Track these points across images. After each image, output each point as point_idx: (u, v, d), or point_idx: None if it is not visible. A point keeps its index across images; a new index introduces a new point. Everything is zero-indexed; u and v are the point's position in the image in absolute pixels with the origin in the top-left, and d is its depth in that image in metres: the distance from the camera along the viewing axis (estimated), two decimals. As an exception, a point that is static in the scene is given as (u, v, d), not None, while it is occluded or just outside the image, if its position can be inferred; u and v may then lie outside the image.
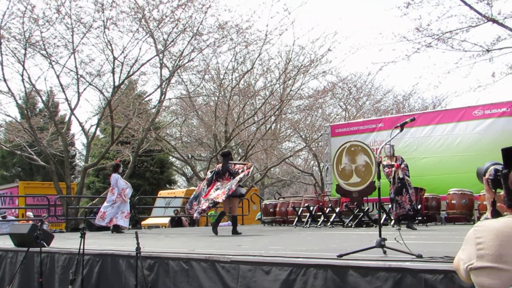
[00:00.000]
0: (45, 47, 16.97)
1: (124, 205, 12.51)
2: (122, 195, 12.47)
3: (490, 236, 1.78)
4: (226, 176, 10.48)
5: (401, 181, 10.75)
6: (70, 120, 21.04)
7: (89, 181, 31.49)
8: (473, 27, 14.31)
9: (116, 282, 6.09)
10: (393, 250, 4.60)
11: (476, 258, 1.79)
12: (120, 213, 12.41)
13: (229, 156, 11.04)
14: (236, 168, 10.52)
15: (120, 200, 12.47)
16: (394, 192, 10.77)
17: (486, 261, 1.75)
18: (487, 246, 1.77)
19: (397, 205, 10.69)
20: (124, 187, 12.58)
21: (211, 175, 10.72)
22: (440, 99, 30.49)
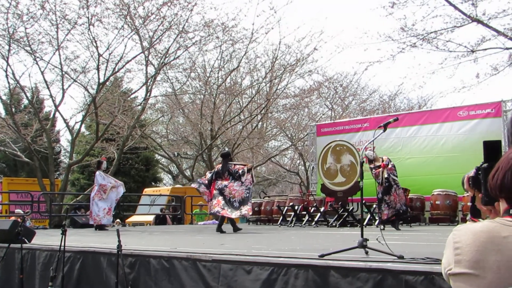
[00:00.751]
0: (30, 43, 16.83)
1: (104, 202, 12.17)
2: (101, 191, 12.21)
3: (468, 241, 1.74)
4: (226, 176, 10.74)
5: (387, 180, 10.74)
6: (54, 116, 20.86)
7: (73, 178, 31.27)
8: (457, 27, 14.39)
9: (97, 279, 6.04)
10: (374, 250, 4.60)
11: (454, 263, 1.75)
12: (102, 210, 12.16)
13: (228, 156, 11.31)
14: (236, 168, 10.81)
15: (98, 196, 12.19)
16: (382, 192, 10.74)
17: (463, 267, 1.72)
18: (464, 251, 1.73)
19: (385, 205, 10.65)
20: (103, 182, 12.29)
21: (210, 175, 10.97)
22: (425, 100, 30.69)
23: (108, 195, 12.20)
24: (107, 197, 12.19)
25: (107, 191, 12.21)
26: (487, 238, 1.73)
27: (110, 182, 12.50)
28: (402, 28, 14.86)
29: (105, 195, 12.17)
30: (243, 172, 10.66)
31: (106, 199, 12.18)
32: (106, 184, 12.26)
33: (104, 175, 12.44)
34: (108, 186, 12.24)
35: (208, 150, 22.99)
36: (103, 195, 12.18)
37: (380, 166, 10.89)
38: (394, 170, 10.98)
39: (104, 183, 12.26)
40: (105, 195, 12.17)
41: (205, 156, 23.61)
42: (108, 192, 12.21)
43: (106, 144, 23.50)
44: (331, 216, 13.27)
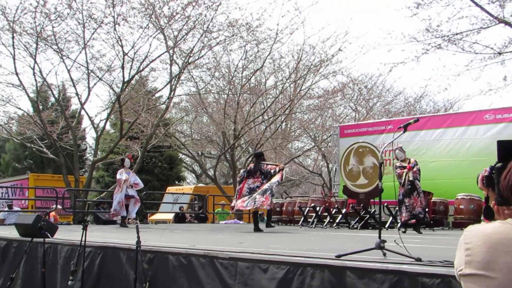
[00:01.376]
0: (57, 42, 17.10)
1: (118, 195, 12.36)
2: (118, 186, 12.44)
3: (478, 242, 1.72)
4: (257, 175, 10.95)
5: (411, 183, 10.61)
6: (80, 114, 21.15)
7: (98, 175, 31.67)
8: (484, 28, 14.15)
9: (116, 274, 6.11)
10: (392, 252, 4.56)
11: (464, 264, 1.73)
12: (117, 204, 12.32)
13: (261, 156, 11.62)
14: (268, 168, 10.98)
15: (116, 191, 12.49)
16: (402, 194, 10.63)
17: (473, 268, 1.70)
18: (474, 252, 1.71)
19: (404, 208, 10.54)
20: (119, 177, 12.45)
21: (243, 174, 11.29)
22: (452, 102, 30.31)
23: (122, 188, 12.35)
24: (121, 190, 12.35)
25: (121, 184, 12.36)
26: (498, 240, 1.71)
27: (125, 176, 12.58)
28: (427, 29, 14.71)
29: (121, 188, 12.35)
30: (275, 172, 10.82)
31: (121, 192, 12.36)
32: (120, 178, 12.43)
33: (122, 171, 12.58)
34: (122, 179, 12.37)
35: (231, 149, 23.04)
36: (119, 189, 12.40)
37: (405, 167, 10.74)
38: (418, 173, 10.84)
39: (119, 177, 12.46)
40: (121, 188, 12.35)
41: (228, 156, 23.66)
42: (122, 186, 12.34)
43: (130, 142, 23.73)
44: (353, 218, 13.21)
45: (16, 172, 34.54)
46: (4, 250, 7.97)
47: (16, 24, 16.53)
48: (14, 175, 31.98)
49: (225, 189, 23.94)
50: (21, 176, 27.74)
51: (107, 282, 6.22)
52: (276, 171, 10.83)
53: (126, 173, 12.68)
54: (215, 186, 23.80)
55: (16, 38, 16.81)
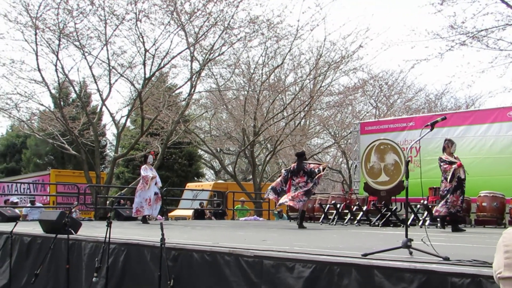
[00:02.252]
0: (79, 38, 17.20)
1: (145, 192, 12.31)
2: (144, 183, 12.36)
3: None
4: (301, 174, 11.24)
5: (460, 181, 10.33)
6: (101, 110, 21.29)
7: (118, 171, 31.90)
8: (509, 25, 13.97)
9: (141, 271, 6.13)
10: (419, 251, 4.51)
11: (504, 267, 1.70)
12: (144, 201, 12.27)
13: (303, 156, 11.91)
14: (312, 167, 11.30)
15: (141, 188, 12.39)
16: (447, 190, 10.34)
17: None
18: None
19: (444, 203, 10.25)
20: (144, 174, 12.42)
21: (286, 173, 11.51)
22: (473, 99, 29.97)
23: (150, 186, 12.32)
24: (149, 187, 12.30)
25: (148, 181, 12.31)
26: None
27: (153, 173, 12.63)
28: (452, 26, 14.55)
29: (147, 185, 12.29)
30: (319, 170, 11.17)
31: (148, 190, 12.31)
32: (147, 175, 12.38)
33: (147, 168, 12.59)
34: (149, 176, 12.35)
35: (250, 146, 23.04)
36: (145, 186, 12.32)
37: (454, 162, 10.46)
38: None
39: (146, 174, 12.41)
40: (147, 185, 12.29)
41: (248, 152, 23.66)
42: (150, 183, 12.31)
43: (150, 138, 23.85)
44: (374, 215, 13.12)
45: (37, 168, 34.98)
46: (28, 246, 8.05)
47: (39, 20, 16.66)
48: (35, 171, 32.38)
49: (245, 185, 23.95)
50: (43, 172, 28.09)
51: (132, 279, 6.25)
52: (320, 169, 11.21)
53: (151, 170, 12.70)
54: (235, 182, 23.82)
55: (38, 34, 16.93)
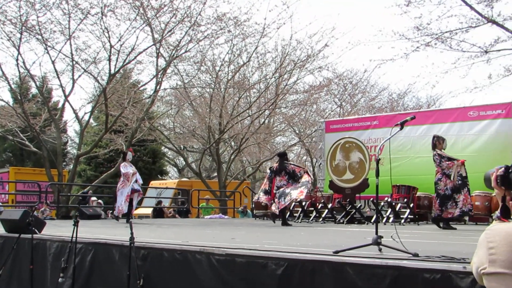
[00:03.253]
0: (41, 32, 16.83)
1: (127, 189, 12.08)
2: (125, 180, 12.08)
3: (503, 241, 1.73)
4: (282, 174, 11.57)
5: (463, 179, 10.02)
6: (63, 106, 20.91)
7: (80, 169, 31.35)
8: (473, 27, 14.32)
9: (109, 271, 6.04)
10: (389, 248, 4.58)
11: (488, 263, 1.74)
12: (124, 198, 12.04)
13: (284, 156, 12.35)
14: (292, 168, 11.70)
15: (122, 186, 12.13)
16: (451, 189, 10.00)
17: (498, 266, 1.71)
18: (499, 251, 1.72)
19: (453, 204, 9.90)
20: (125, 171, 12.14)
21: (270, 173, 11.91)
22: (434, 99, 30.56)
23: (131, 182, 12.09)
24: (130, 184, 12.09)
25: (129, 177, 12.07)
26: None
27: (133, 169, 12.40)
28: (417, 27, 14.80)
29: (129, 182, 12.06)
30: (301, 174, 11.51)
31: (129, 186, 12.10)
32: (128, 172, 12.14)
33: (126, 165, 12.36)
34: (130, 173, 12.11)
35: (216, 144, 22.99)
36: (127, 184, 12.07)
37: (456, 159, 10.22)
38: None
39: (126, 171, 12.16)
40: (129, 182, 12.06)
41: (213, 150, 23.60)
42: (131, 179, 12.07)
43: (114, 135, 23.55)
44: (339, 213, 13.26)
45: (-7, 166, 34.09)
46: (-11, 247, 7.85)
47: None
48: (-9, 168, 31.55)
49: (209, 183, 23.88)
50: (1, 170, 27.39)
51: (99, 279, 6.15)
52: (302, 173, 11.54)
53: (130, 167, 12.45)
54: (199, 180, 23.72)
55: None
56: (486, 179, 2.31)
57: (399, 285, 3.83)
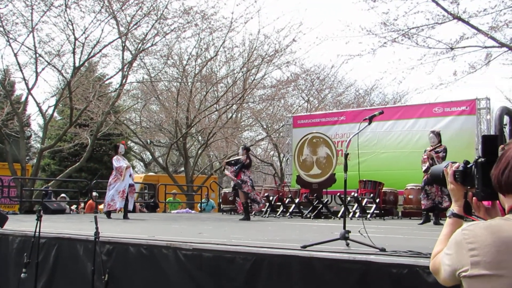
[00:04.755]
0: (3, 24, 16.38)
1: (120, 184, 11.57)
2: (118, 174, 11.61)
3: (486, 242, 1.68)
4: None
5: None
6: (26, 100, 20.44)
7: (44, 163, 30.78)
8: (439, 24, 14.45)
9: (73, 267, 5.93)
10: (356, 242, 4.60)
11: (470, 265, 1.69)
12: (117, 194, 11.53)
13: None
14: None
15: (115, 180, 11.63)
16: (425, 181, 10.18)
17: (482, 268, 1.66)
18: (483, 253, 1.67)
19: (425, 195, 10.09)
20: (118, 165, 11.65)
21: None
22: (401, 95, 30.94)
23: (124, 177, 11.59)
24: (123, 179, 11.59)
25: (123, 172, 11.58)
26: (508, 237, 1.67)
27: (126, 163, 11.96)
28: (384, 23, 14.90)
29: (122, 177, 11.57)
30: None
31: (123, 181, 11.60)
32: (121, 166, 11.66)
33: (119, 158, 11.89)
34: (123, 167, 11.65)
35: (183, 138, 22.82)
36: (120, 178, 11.60)
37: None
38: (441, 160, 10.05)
39: (119, 165, 11.69)
40: (122, 177, 11.57)
41: (180, 145, 23.43)
42: (124, 174, 11.58)
43: (79, 129, 23.15)
44: (306, 208, 13.31)
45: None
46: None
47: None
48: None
49: (176, 178, 23.71)
50: (-38, 164, 26.64)
51: (63, 274, 6.04)
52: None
53: (123, 160, 12.02)
54: (166, 175, 23.53)
55: (-42, 19, 16.04)
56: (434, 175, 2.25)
57: (367, 280, 3.85)
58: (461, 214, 2.03)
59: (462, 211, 2.02)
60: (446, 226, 2.05)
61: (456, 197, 2.04)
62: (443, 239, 1.98)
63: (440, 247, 1.95)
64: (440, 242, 2.01)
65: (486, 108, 14.04)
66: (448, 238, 1.87)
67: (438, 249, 1.98)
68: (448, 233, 1.98)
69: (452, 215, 2.05)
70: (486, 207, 1.98)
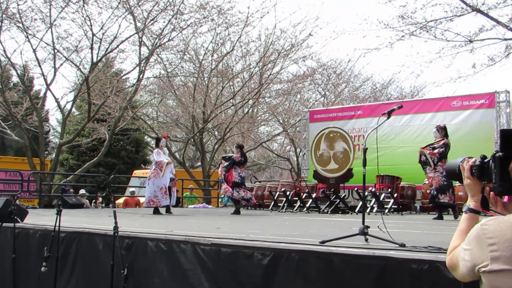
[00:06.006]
0: (22, 20, 16.55)
1: (160, 180, 11.20)
2: (158, 169, 11.25)
3: (506, 236, 1.67)
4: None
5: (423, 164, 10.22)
6: (45, 95, 20.66)
7: (62, 158, 31.09)
8: (457, 16, 14.31)
9: (93, 261, 5.98)
10: (375, 238, 4.57)
11: (490, 260, 1.68)
12: (159, 190, 11.19)
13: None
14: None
15: (154, 175, 11.26)
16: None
17: (502, 263, 1.65)
18: (503, 248, 1.66)
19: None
20: (158, 159, 11.29)
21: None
22: (418, 89, 30.70)
23: (164, 172, 11.23)
24: (163, 174, 11.23)
25: (163, 167, 11.23)
26: None
27: (167, 158, 11.65)
28: (402, 16, 14.79)
29: (162, 172, 11.18)
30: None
31: (163, 177, 11.25)
32: (162, 161, 11.29)
33: (160, 152, 11.57)
34: (163, 162, 11.28)
35: (200, 133, 22.89)
36: (159, 173, 11.21)
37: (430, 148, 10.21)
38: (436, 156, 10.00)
39: (160, 160, 11.32)
40: (162, 172, 11.18)
41: (197, 140, 23.50)
42: (164, 169, 11.22)
43: (97, 124, 23.33)
44: (323, 203, 13.28)
45: (-26, 154, 33.60)
46: (-30, 236, 7.73)
47: (-22, 0, 15.96)
48: (-28, 157, 31.09)
49: (193, 173, 23.79)
50: (-18, 159, 27.01)
51: (83, 268, 6.10)
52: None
53: (164, 154, 11.73)
54: (183, 170, 23.61)
55: (-22, 15, 16.23)
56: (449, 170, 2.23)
57: (386, 275, 3.82)
58: (477, 209, 2.03)
59: (478, 206, 2.02)
60: (463, 221, 2.05)
61: (472, 192, 2.03)
62: (460, 234, 1.98)
63: (457, 242, 1.95)
64: (456, 237, 2.00)
65: (506, 101, 13.86)
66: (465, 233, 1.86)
67: (454, 244, 1.97)
68: (464, 228, 1.97)
69: (469, 210, 2.04)
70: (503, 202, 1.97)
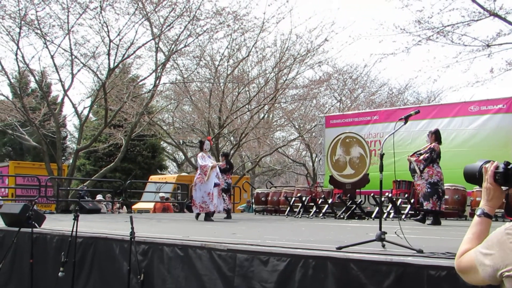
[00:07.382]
0: (40, 27, 16.73)
1: (205, 185, 10.91)
2: (202, 174, 10.96)
3: None
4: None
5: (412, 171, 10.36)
6: (63, 101, 20.83)
7: (79, 163, 31.35)
8: (475, 21, 14.23)
9: (109, 266, 6.01)
10: (393, 244, 4.54)
11: None
12: (206, 195, 10.89)
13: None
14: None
15: (199, 180, 11.02)
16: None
17: None
18: None
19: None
20: (203, 163, 10.99)
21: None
22: (435, 94, 30.47)
23: (209, 177, 10.95)
24: (208, 178, 10.95)
25: (208, 172, 10.92)
26: None
27: (212, 162, 11.35)
28: (418, 21, 14.72)
29: (206, 176, 10.90)
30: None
31: (208, 182, 10.98)
32: (206, 164, 11.01)
33: (204, 156, 11.32)
34: (208, 166, 10.99)
35: (215, 138, 22.95)
36: (204, 178, 10.94)
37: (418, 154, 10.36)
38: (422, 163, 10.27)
39: (204, 164, 11.03)
40: (206, 176, 10.90)
41: (212, 145, 23.55)
42: (209, 174, 10.92)
43: (114, 130, 23.49)
44: (339, 208, 13.22)
45: (-7, 160, 34.03)
46: (-11, 240, 7.82)
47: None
48: (-9, 163, 31.51)
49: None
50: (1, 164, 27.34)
51: (99, 273, 6.13)
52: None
53: (209, 158, 11.48)
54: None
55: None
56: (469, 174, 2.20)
57: (404, 282, 3.79)
58: (491, 214, 2.01)
59: (493, 211, 2.01)
60: (475, 225, 2.02)
61: (489, 196, 2.01)
62: (472, 238, 1.96)
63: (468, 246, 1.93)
64: (468, 240, 1.98)
65: (525, 106, 13.71)
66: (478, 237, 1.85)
67: (465, 248, 1.95)
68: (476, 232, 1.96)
69: (483, 215, 2.01)
70: None
